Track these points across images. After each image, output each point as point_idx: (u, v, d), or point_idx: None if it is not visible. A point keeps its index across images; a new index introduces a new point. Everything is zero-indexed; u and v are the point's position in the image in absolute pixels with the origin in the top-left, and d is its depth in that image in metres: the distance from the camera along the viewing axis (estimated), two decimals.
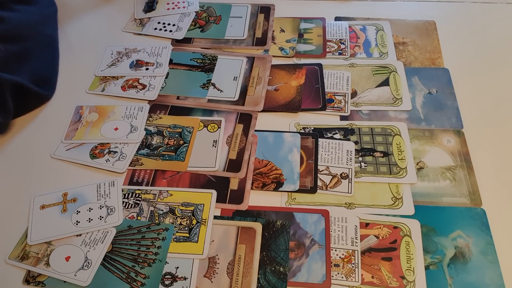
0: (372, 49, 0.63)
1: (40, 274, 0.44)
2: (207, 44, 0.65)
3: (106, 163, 0.51)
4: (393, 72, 0.59)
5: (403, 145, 0.52)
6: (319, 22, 0.67)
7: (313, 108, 0.56)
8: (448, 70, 0.60)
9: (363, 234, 0.46)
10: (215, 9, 0.70)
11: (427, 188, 0.49)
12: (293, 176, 0.50)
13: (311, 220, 0.47)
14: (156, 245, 0.45)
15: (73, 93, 0.59)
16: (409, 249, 0.44)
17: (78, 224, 0.47)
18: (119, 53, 0.64)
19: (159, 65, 0.62)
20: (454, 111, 0.55)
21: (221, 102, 0.57)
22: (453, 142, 0.52)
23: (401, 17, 0.67)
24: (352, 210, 0.48)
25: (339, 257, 0.44)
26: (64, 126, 0.56)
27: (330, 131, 0.54)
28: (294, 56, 0.62)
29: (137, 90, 0.59)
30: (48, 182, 0.51)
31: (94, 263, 0.44)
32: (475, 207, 0.47)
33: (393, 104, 0.56)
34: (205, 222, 0.47)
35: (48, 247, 0.45)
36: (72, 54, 0.64)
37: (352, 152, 0.52)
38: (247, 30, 0.66)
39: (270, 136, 0.54)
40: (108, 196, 0.49)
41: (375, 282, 0.43)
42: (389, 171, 0.50)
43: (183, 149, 0.53)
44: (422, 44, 0.63)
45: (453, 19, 0.66)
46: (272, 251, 0.45)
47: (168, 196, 0.49)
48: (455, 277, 0.43)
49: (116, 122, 0.55)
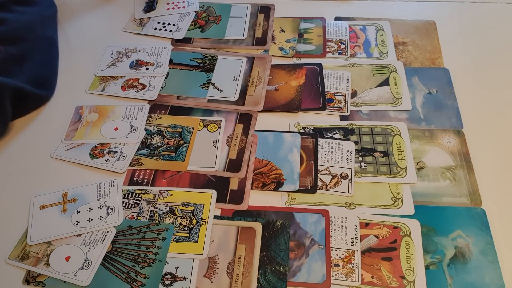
0: (372, 49, 0.63)
1: (40, 274, 0.44)
2: (207, 44, 0.65)
3: (106, 163, 0.51)
4: (393, 72, 0.59)
5: (403, 145, 0.52)
6: (319, 22, 0.67)
7: (313, 108, 0.56)
8: (448, 70, 0.60)
9: (363, 234, 0.46)
10: (215, 9, 0.70)
11: (427, 188, 0.49)
12: (293, 176, 0.50)
13: (311, 220, 0.47)
14: (156, 245, 0.45)
15: (73, 93, 0.59)
16: (409, 249, 0.44)
17: (78, 224, 0.47)
18: (119, 53, 0.64)
19: (159, 65, 0.62)
20: (454, 111, 0.55)
21: (221, 102, 0.57)
22: (453, 142, 0.52)
23: (401, 17, 0.67)
24: (352, 210, 0.48)
25: (339, 257, 0.44)
26: (64, 126, 0.56)
27: (330, 131, 0.54)
28: (294, 56, 0.62)
29: (137, 90, 0.59)
30: (48, 182, 0.51)
31: (94, 263, 0.44)
32: (475, 207, 0.47)
33: (393, 104, 0.56)
34: (205, 222, 0.47)
35: (48, 247, 0.45)
36: (72, 54, 0.64)
37: (352, 152, 0.52)
38: (247, 30, 0.66)
39: (270, 136, 0.54)
40: (108, 196, 0.49)
41: (375, 282, 0.43)
42: (389, 171, 0.50)
43: (183, 149, 0.53)
44: (422, 44, 0.63)
45: (453, 19, 0.66)
46: (272, 251, 0.45)
47: (168, 196, 0.49)
48: (455, 277, 0.43)
49: (116, 122, 0.55)
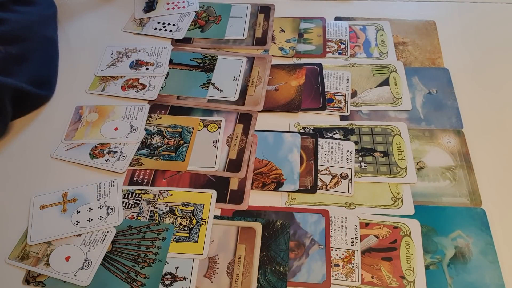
0: (372, 49, 0.63)
1: (40, 274, 0.44)
2: (207, 44, 0.65)
3: (106, 163, 0.51)
4: (393, 72, 0.59)
5: (403, 145, 0.52)
6: (319, 22, 0.67)
7: (313, 108, 0.56)
8: (448, 70, 0.60)
9: (363, 234, 0.46)
10: (215, 9, 0.70)
11: (427, 188, 0.49)
12: (293, 176, 0.50)
13: (311, 220, 0.47)
14: (156, 245, 0.45)
15: (73, 93, 0.59)
16: (409, 249, 0.44)
17: (78, 224, 0.47)
18: (119, 53, 0.64)
19: (159, 65, 0.62)
20: (454, 111, 0.55)
21: (221, 102, 0.57)
22: (453, 142, 0.52)
23: (401, 17, 0.67)
24: (352, 210, 0.48)
25: (339, 257, 0.44)
26: (64, 126, 0.56)
27: (330, 131, 0.54)
28: (294, 56, 0.62)
29: (137, 90, 0.59)
30: (48, 182, 0.51)
31: (94, 263, 0.44)
32: (475, 207, 0.47)
33: (393, 104, 0.56)
34: (205, 222, 0.47)
35: (48, 247, 0.45)
36: (72, 54, 0.64)
37: (352, 152, 0.52)
38: (247, 30, 0.66)
39: (270, 136, 0.54)
40: (108, 196, 0.49)
41: (375, 282, 0.43)
42: (389, 171, 0.50)
43: (183, 149, 0.53)
44: (422, 44, 0.63)
45: (453, 19, 0.66)
46: (272, 251, 0.45)
47: (168, 196, 0.49)
48: (455, 277, 0.43)
49: (116, 122, 0.55)
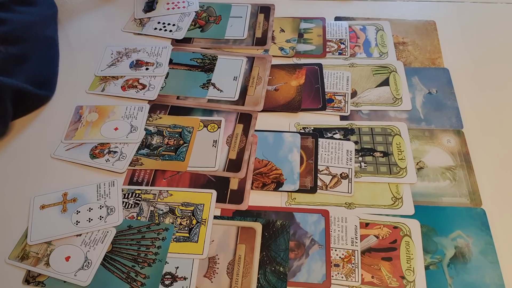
0: (372, 49, 0.63)
1: (40, 274, 0.44)
2: (207, 44, 0.65)
3: (106, 163, 0.51)
4: (393, 72, 0.59)
5: (403, 145, 0.52)
6: (319, 22, 0.67)
7: (313, 108, 0.56)
8: (448, 70, 0.60)
9: (363, 234, 0.46)
10: (215, 9, 0.70)
11: (427, 188, 0.49)
12: (293, 176, 0.50)
13: (311, 220, 0.47)
14: (156, 245, 0.45)
15: (73, 93, 0.59)
16: (409, 249, 0.44)
17: (78, 224, 0.47)
18: (119, 53, 0.64)
19: (159, 65, 0.62)
20: (454, 111, 0.55)
21: (221, 102, 0.57)
22: (453, 142, 0.52)
23: (401, 17, 0.67)
24: (352, 210, 0.48)
25: (339, 257, 0.44)
26: (64, 126, 0.56)
27: (330, 131, 0.54)
28: (294, 56, 0.62)
29: (137, 90, 0.59)
30: (48, 182, 0.51)
31: (94, 263, 0.44)
32: (475, 207, 0.47)
33: (393, 104, 0.56)
34: (205, 222, 0.47)
35: (48, 247, 0.45)
36: (72, 54, 0.64)
37: (352, 152, 0.52)
38: (247, 30, 0.66)
39: (270, 136, 0.54)
40: (108, 196, 0.49)
41: (375, 282, 0.43)
42: (389, 171, 0.50)
43: (183, 149, 0.53)
44: (422, 44, 0.63)
45: (453, 19, 0.66)
46: (272, 251, 0.45)
47: (168, 196, 0.49)
48: (455, 277, 0.43)
49: (116, 122, 0.55)
